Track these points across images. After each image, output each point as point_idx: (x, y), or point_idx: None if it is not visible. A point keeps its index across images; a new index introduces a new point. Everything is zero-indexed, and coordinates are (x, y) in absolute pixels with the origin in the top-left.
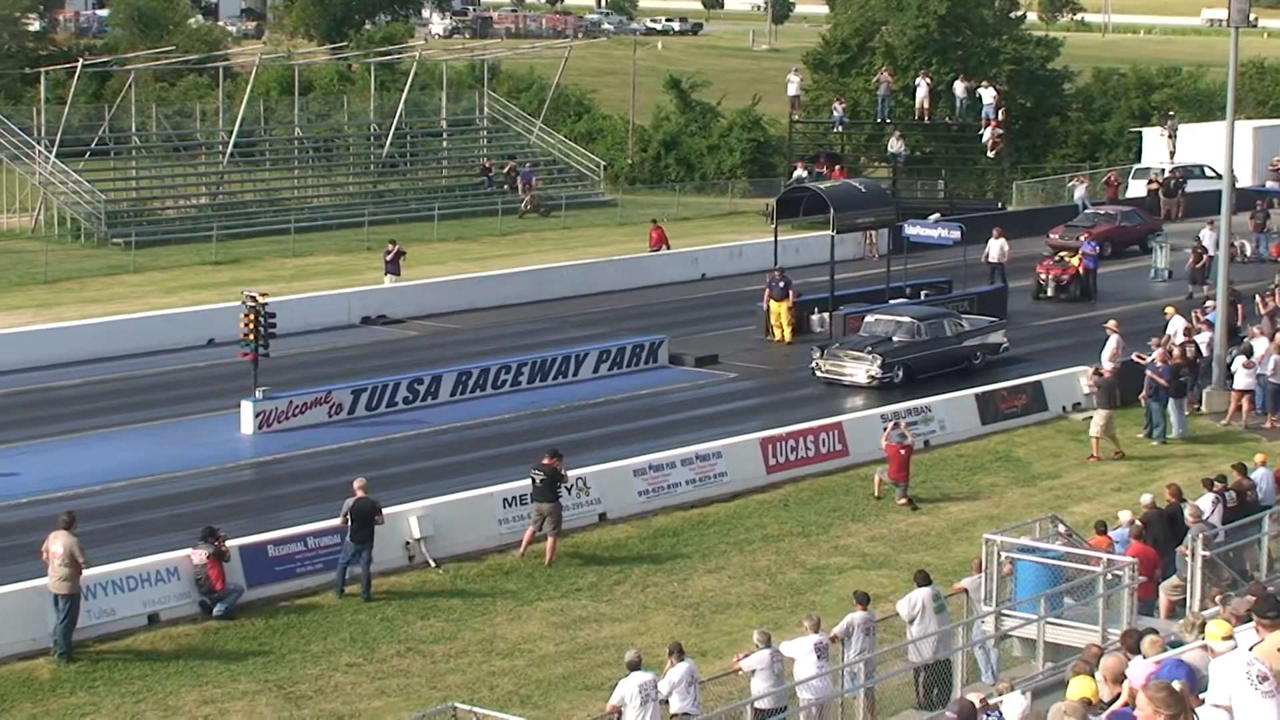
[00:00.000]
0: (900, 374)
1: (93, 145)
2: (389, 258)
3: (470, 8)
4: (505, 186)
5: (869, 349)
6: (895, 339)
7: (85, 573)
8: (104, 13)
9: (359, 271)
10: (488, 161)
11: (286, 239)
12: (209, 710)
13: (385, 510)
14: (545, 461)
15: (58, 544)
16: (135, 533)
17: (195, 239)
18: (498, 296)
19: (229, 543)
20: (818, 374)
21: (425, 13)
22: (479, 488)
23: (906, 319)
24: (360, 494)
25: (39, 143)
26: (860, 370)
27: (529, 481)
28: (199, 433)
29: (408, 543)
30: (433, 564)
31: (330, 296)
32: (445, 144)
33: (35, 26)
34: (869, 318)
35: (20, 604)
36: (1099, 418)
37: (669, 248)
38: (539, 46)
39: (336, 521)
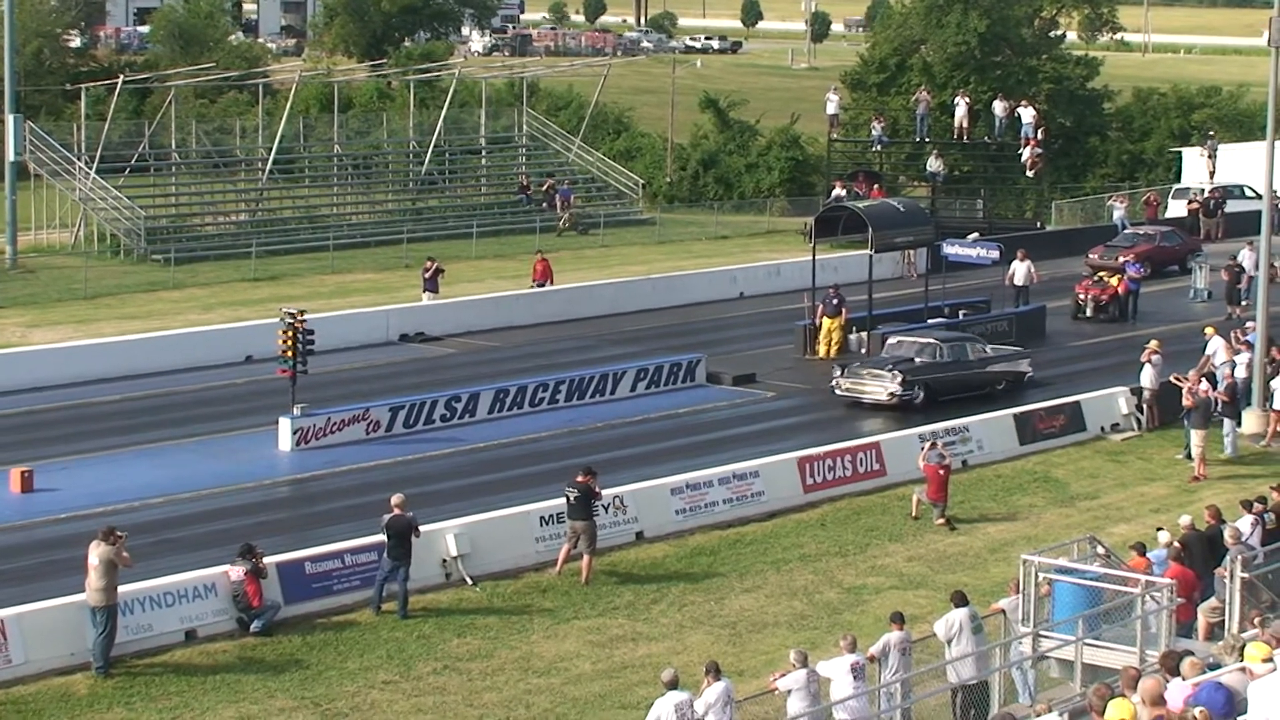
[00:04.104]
0: (921, 394)
1: (133, 162)
2: (427, 275)
3: (510, 25)
4: (544, 204)
5: (890, 367)
6: (918, 360)
7: (123, 589)
8: (144, 29)
9: (398, 289)
10: (526, 179)
11: (325, 256)
12: None
13: (422, 527)
14: (579, 479)
15: (95, 556)
16: (173, 549)
17: (235, 255)
18: (536, 314)
19: (266, 559)
20: (837, 392)
21: (465, 30)
22: (516, 506)
23: (929, 340)
24: (397, 511)
25: (79, 159)
26: (881, 388)
27: (565, 499)
28: (237, 449)
29: (445, 560)
30: (469, 581)
31: (369, 314)
32: (484, 161)
33: (76, 43)
34: (891, 339)
35: (59, 619)
36: (1198, 437)
37: (552, 283)
38: (578, 65)
39: (374, 539)
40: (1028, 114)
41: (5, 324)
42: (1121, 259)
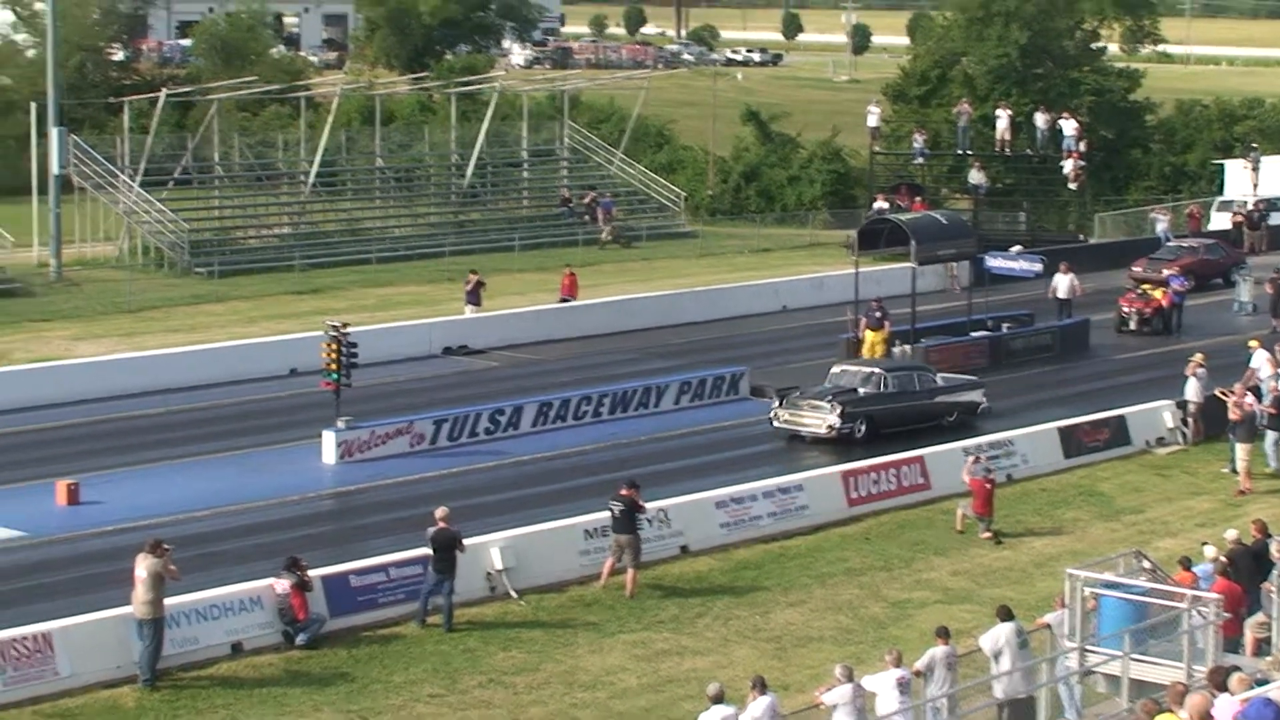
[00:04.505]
0: (863, 427)
1: (176, 174)
2: (469, 288)
3: (550, 38)
4: (586, 217)
5: (830, 399)
6: (862, 390)
7: (169, 601)
8: (186, 43)
9: (440, 302)
10: (568, 192)
11: (368, 269)
12: None
13: (467, 541)
14: (623, 492)
15: (142, 568)
16: (218, 562)
17: (278, 268)
18: (579, 327)
19: (311, 572)
20: (775, 424)
21: (505, 43)
22: (560, 519)
23: (873, 370)
24: (442, 524)
25: (123, 172)
26: (819, 420)
27: (609, 513)
28: (281, 462)
29: (489, 573)
30: (514, 595)
31: (412, 327)
32: (526, 174)
33: (119, 56)
34: (835, 368)
35: (106, 632)
36: (1243, 451)
37: (576, 298)
38: (619, 77)
39: (418, 552)
40: (1070, 126)
41: (51, 337)
42: (1165, 272)
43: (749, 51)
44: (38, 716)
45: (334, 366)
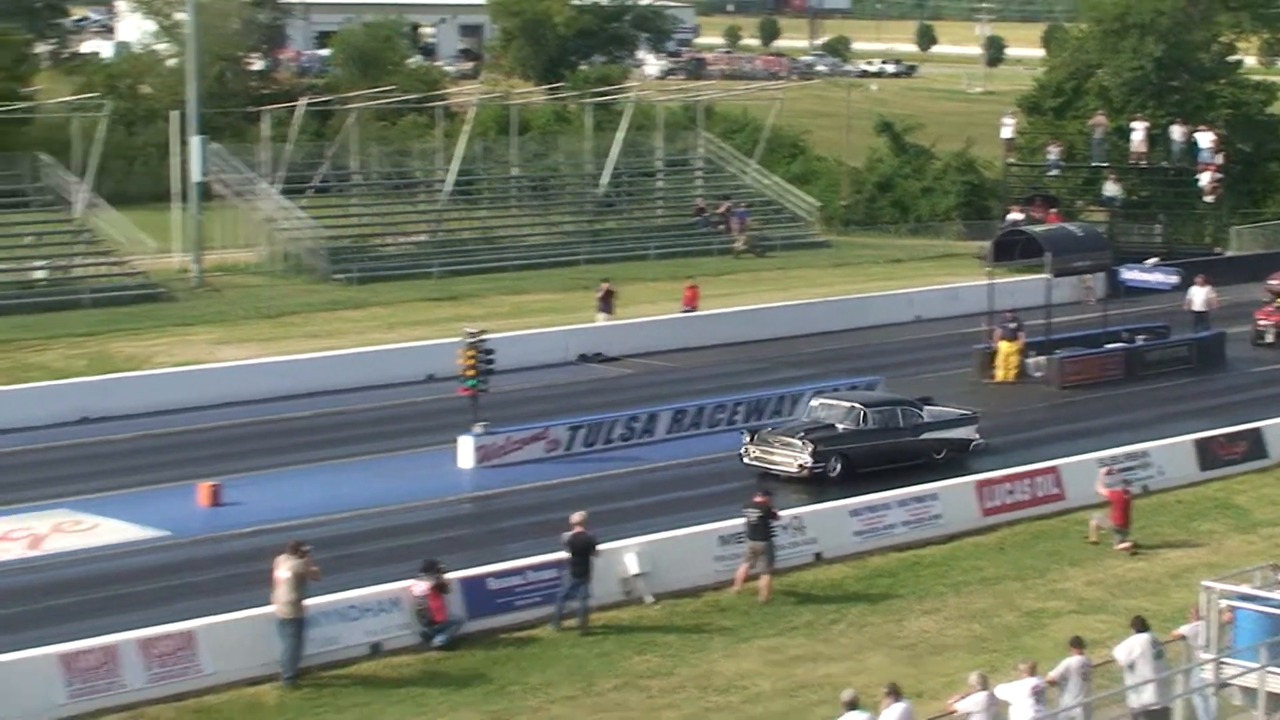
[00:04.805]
0: (838, 466)
1: (314, 182)
2: (600, 296)
3: (685, 49)
4: (720, 226)
5: (803, 435)
6: (839, 427)
7: (309, 602)
8: (325, 53)
9: (575, 309)
10: (703, 201)
11: (504, 276)
12: None
13: (603, 546)
14: (758, 500)
15: (284, 569)
16: (357, 564)
17: (415, 275)
18: (712, 336)
19: (449, 575)
20: (745, 460)
21: (640, 54)
22: (695, 525)
23: (852, 405)
24: (578, 528)
25: (262, 179)
26: (790, 458)
27: (744, 520)
28: (419, 466)
29: (624, 578)
30: (649, 599)
31: (547, 334)
32: (660, 184)
33: (258, 66)
34: (813, 401)
35: (248, 630)
36: None
37: (698, 309)
38: (753, 88)
39: (555, 556)
40: (1206, 139)
41: (194, 341)
42: None
43: (883, 63)
44: (182, 713)
45: (471, 372)
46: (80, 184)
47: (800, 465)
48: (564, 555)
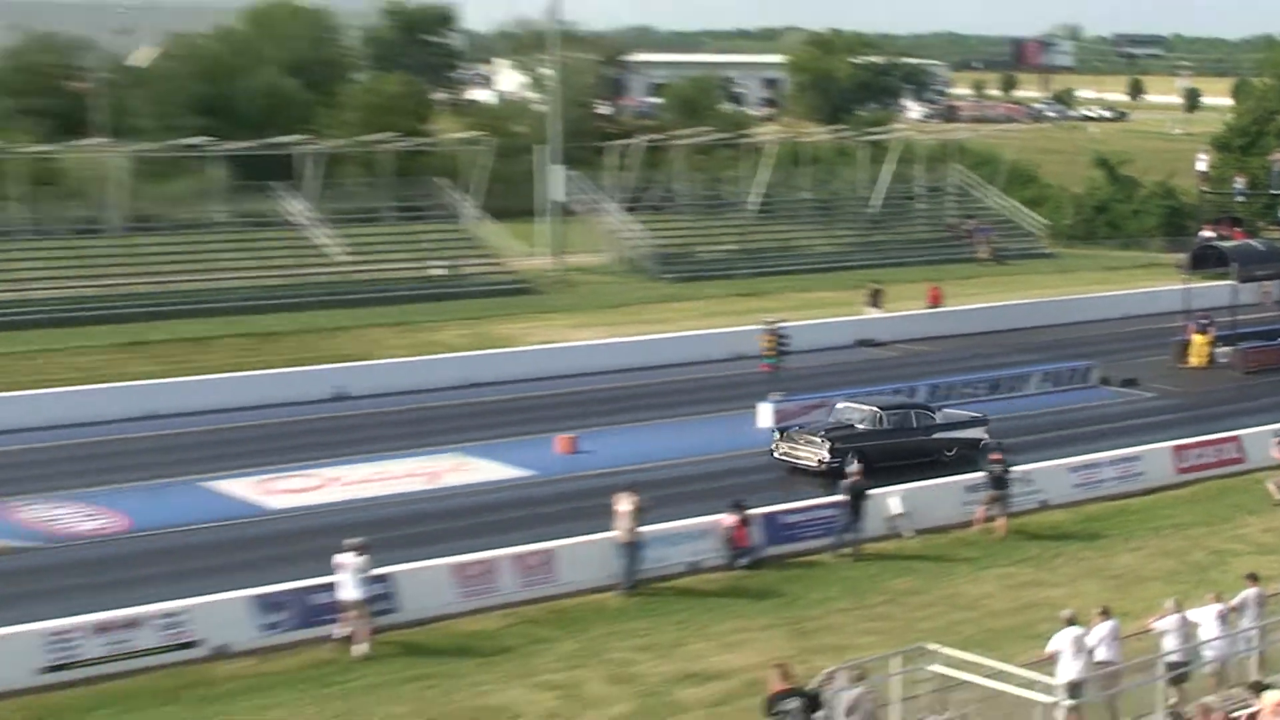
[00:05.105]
0: (854, 461)
1: (648, 202)
2: (870, 294)
3: (940, 98)
4: (968, 240)
5: (823, 434)
6: (859, 426)
7: (644, 529)
8: (657, 100)
9: (851, 305)
10: (954, 219)
11: (796, 277)
12: (739, 637)
13: (872, 491)
14: (993, 458)
15: (625, 504)
16: (681, 500)
17: (726, 276)
18: (959, 326)
19: (751, 511)
20: (775, 455)
21: (905, 102)
22: (945, 477)
23: (869, 408)
24: (856, 477)
25: (608, 199)
26: (812, 454)
27: (984, 474)
28: (727, 426)
29: (889, 517)
30: (909, 534)
31: (832, 323)
32: (920, 205)
33: (605, 110)
34: (839, 404)
35: (595, 550)
36: None
37: (941, 305)
38: (996, 129)
39: (835, 498)
40: None
41: (554, 324)
42: None
43: (1100, 110)
44: (544, 612)
45: (770, 353)
46: (467, 201)
47: (819, 460)
48: (842, 498)
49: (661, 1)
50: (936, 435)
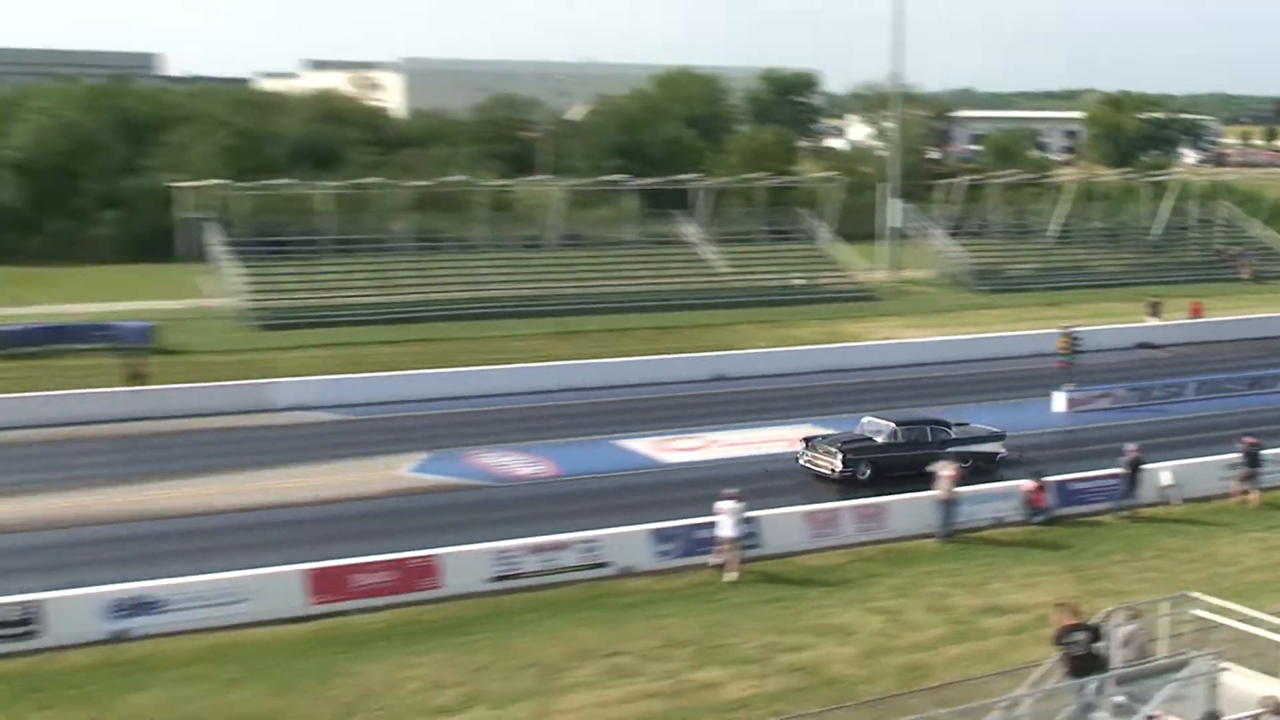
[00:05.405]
0: (867, 471)
1: (967, 229)
2: (1149, 306)
3: (1212, 145)
4: (1232, 263)
5: (840, 445)
6: (877, 439)
7: (960, 490)
8: (977, 148)
9: (1134, 315)
10: (1221, 246)
11: (1090, 291)
12: (1033, 580)
13: (1146, 466)
14: (1247, 441)
15: (946, 470)
16: (988, 470)
17: (1031, 289)
18: (1225, 334)
19: (1047, 478)
20: (800, 463)
21: (1181, 149)
22: (1207, 456)
23: (886, 424)
24: (1131, 453)
25: (935, 226)
26: (829, 464)
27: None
28: (1027, 410)
29: (1159, 488)
30: (1176, 502)
31: (1116, 329)
32: (1193, 234)
33: (934, 155)
34: (864, 419)
35: (919, 506)
36: None
37: (1201, 317)
38: (1260, 173)
39: (1116, 470)
40: None
41: (889, 325)
42: None
43: None
44: (877, 551)
45: (1066, 351)
46: (823, 226)
47: (833, 469)
48: (1122, 470)
49: (983, 68)
50: (950, 450)
